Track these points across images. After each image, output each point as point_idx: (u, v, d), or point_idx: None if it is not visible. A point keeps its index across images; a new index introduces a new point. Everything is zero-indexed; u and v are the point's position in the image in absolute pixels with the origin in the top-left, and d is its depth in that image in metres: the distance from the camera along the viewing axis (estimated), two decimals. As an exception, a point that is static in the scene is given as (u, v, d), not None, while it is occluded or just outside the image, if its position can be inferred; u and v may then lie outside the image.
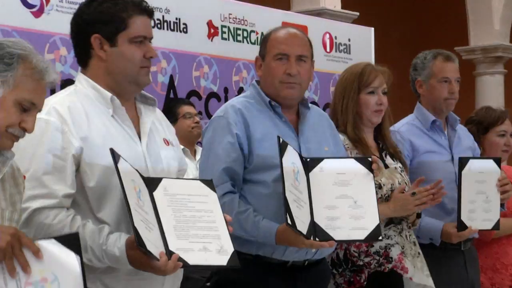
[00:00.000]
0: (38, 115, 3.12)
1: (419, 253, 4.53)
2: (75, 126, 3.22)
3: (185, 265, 3.21)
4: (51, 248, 2.74)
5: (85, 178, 3.22)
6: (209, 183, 3.38)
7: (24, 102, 2.84)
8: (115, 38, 3.32)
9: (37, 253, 2.65)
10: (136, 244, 3.00)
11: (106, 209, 3.20)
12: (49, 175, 3.16)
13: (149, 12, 3.41)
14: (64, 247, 2.76)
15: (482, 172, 4.76)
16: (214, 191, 3.35)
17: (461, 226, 4.65)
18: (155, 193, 3.31)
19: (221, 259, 3.18)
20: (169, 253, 3.16)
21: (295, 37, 4.12)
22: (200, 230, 3.33)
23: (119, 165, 3.18)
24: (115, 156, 3.16)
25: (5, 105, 2.85)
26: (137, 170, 3.25)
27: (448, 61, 4.97)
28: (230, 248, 3.21)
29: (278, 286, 3.95)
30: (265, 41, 4.14)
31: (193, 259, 3.24)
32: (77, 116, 3.26)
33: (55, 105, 3.26)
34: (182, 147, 5.63)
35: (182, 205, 3.41)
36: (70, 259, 2.76)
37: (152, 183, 3.31)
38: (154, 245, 3.15)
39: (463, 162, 4.68)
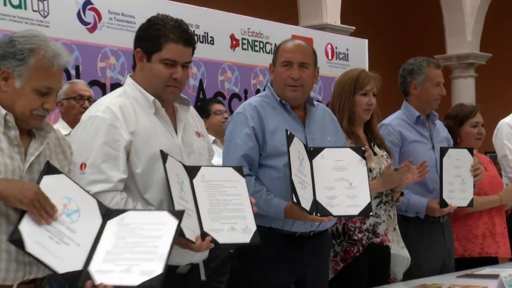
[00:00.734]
0: (96, 113, 3.26)
1: (394, 228, 4.54)
2: (126, 122, 3.22)
3: (216, 244, 3.22)
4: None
5: (133, 165, 3.21)
6: (239, 169, 3.38)
7: (41, 88, 2.84)
8: (151, 56, 3.32)
9: (53, 207, 2.73)
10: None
11: (151, 191, 3.19)
12: (106, 163, 3.15)
13: (185, 41, 3.36)
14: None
15: (458, 159, 4.77)
16: (243, 176, 3.37)
17: (443, 203, 4.67)
18: (194, 181, 3.31)
19: (245, 237, 3.19)
20: (203, 234, 3.18)
21: (299, 47, 4.08)
22: (229, 212, 3.34)
23: (166, 165, 3.20)
24: (164, 156, 3.18)
25: (25, 93, 2.85)
26: (180, 162, 3.28)
27: (438, 68, 4.93)
28: (253, 227, 3.23)
29: (289, 252, 3.91)
30: (276, 50, 4.12)
31: (222, 238, 3.25)
32: (127, 114, 3.25)
33: (109, 104, 3.26)
34: (213, 138, 5.69)
35: (216, 190, 3.41)
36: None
37: (193, 171, 3.31)
38: (191, 231, 3.15)
39: (443, 151, 4.72)
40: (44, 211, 2.69)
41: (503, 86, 7.06)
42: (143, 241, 2.91)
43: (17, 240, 2.66)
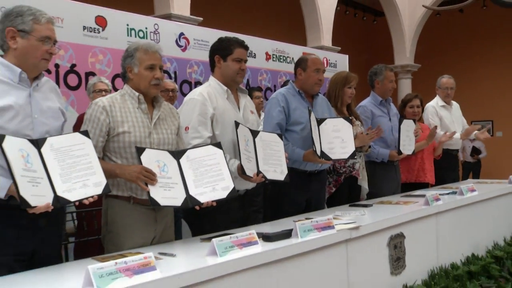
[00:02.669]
0: (193, 96, 3.23)
1: (364, 167, 4.54)
2: (211, 102, 3.21)
3: (265, 179, 3.14)
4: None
5: (215, 128, 3.20)
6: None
7: (149, 66, 2.78)
8: (226, 58, 3.30)
9: (152, 173, 2.59)
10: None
11: (224, 145, 2.99)
12: (200, 126, 3.15)
13: (245, 47, 3.34)
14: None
15: (408, 125, 4.72)
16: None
17: (399, 152, 4.62)
18: (256, 139, 3.16)
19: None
20: (258, 172, 3.08)
21: (320, 60, 4.05)
22: (274, 160, 3.24)
23: (238, 130, 3.06)
24: (236, 124, 3.07)
25: (142, 73, 2.78)
26: (248, 127, 3.16)
27: (392, 72, 4.85)
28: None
29: (302, 182, 3.86)
30: (305, 61, 3.96)
31: (270, 176, 3.16)
32: (211, 97, 3.23)
33: (200, 91, 3.26)
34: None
35: (268, 146, 3.24)
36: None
37: (254, 134, 3.17)
38: (251, 170, 3.04)
39: (401, 120, 4.67)
40: (149, 179, 2.57)
41: (428, 84, 7.19)
42: (210, 168, 2.79)
43: (153, 200, 2.57)
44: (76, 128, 2.68)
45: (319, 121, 3.80)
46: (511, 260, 4.24)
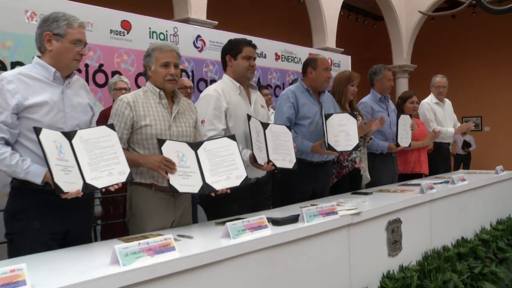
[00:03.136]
0: (208, 92, 3.19)
1: (365, 158, 4.49)
2: (225, 97, 3.18)
3: (275, 167, 3.10)
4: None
5: (228, 121, 3.17)
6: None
7: (164, 63, 2.77)
8: (236, 56, 3.27)
9: (172, 162, 2.58)
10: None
11: (237, 137, 2.95)
12: (215, 119, 3.12)
13: (253, 45, 3.30)
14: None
15: (405, 120, 4.73)
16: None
17: (397, 145, 4.65)
18: (266, 131, 3.10)
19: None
20: (269, 161, 3.05)
21: (327, 60, 4.06)
22: (283, 150, 3.19)
23: (250, 122, 3.02)
24: (249, 117, 3.02)
25: (158, 70, 2.77)
26: (259, 120, 3.10)
27: (390, 71, 4.82)
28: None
29: (308, 171, 3.82)
30: (315, 61, 3.93)
31: (279, 164, 3.10)
32: (226, 93, 3.21)
33: (215, 87, 3.24)
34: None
35: (277, 138, 3.18)
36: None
37: (265, 125, 3.11)
38: (261, 159, 3.02)
39: (399, 116, 4.69)
40: (169, 168, 2.56)
41: (423, 82, 7.14)
42: (225, 159, 2.77)
43: (172, 187, 2.57)
44: (99, 122, 2.69)
45: (326, 116, 3.77)
46: (496, 243, 4.28)
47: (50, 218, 2.39)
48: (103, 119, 4.11)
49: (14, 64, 4.35)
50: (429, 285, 3.11)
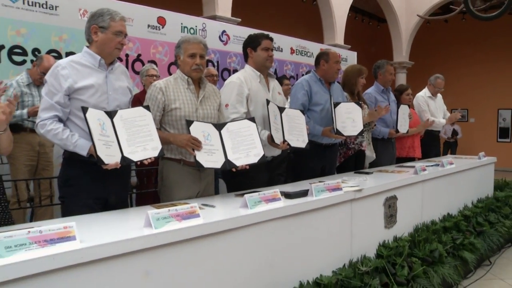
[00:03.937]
0: (232, 80, 3.12)
1: (369, 143, 4.45)
2: (246, 84, 3.12)
3: (290, 147, 3.04)
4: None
5: (249, 105, 3.11)
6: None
7: (191, 54, 2.71)
8: (256, 48, 3.22)
9: (200, 142, 2.55)
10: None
11: (256, 119, 2.89)
12: (238, 104, 3.07)
13: (270, 39, 3.25)
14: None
15: (404, 109, 4.66)
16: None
17: (397, 131, 4.58)
18: (283, 114, 3.06)
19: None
20: (284, 141, 3.00)
21: (338, 54, 3.99)
22: (296, 130, 3.13)
23: (269, 106, 2.95)
24: (268, 102, 2.94)
25: (186, 60, 2.72)
26: (276, 105, 3.05)
27: (391, 66, 4.72)
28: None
29: (318, 152, 3.77)
30: (327, 54, 3.85)
31: (293, 143, 3.06)
32: (247, 80, 3.15)
33: (238, 75, 3.18)
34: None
35: (292, 120, 3.11)
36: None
37: (281, 109, 3.05)
38: (278, 139, 2.96)
39: (399, 106, 4.64)
40: (196, 145, 2.53)
41: (420, 77, 7.00)
42: (245, 138, 2.72)
43: (198, 163, 2.52)
44: (132, 104, 2.64)
45: (335, 104, 3.70)
46: (476, 218, 4.31)
47: (94, 185, 2.39)
48: (136, 101, 4.08)
49: (68, 54, 4.42)
50: (417, 253, 3.15)
